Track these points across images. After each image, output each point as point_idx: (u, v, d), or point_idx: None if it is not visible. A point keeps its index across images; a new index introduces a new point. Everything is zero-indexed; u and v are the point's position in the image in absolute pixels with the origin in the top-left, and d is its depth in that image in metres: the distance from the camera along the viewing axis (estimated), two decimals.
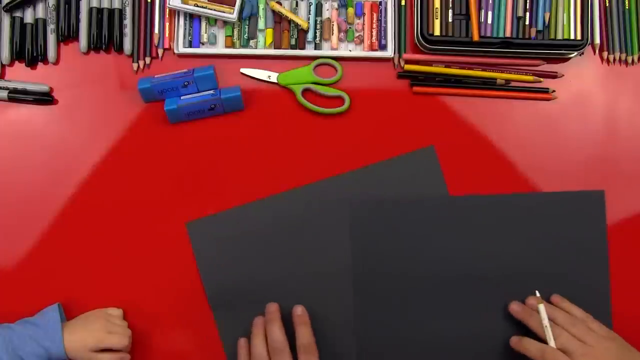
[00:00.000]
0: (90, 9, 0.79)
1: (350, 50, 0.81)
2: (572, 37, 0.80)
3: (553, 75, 0.82)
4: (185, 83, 0.78)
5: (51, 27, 0.79)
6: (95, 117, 0.80)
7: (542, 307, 0.73)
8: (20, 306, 0.76)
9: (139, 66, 0.80)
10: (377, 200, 0.78)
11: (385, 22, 0.81)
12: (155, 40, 0.81)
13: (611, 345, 0.70)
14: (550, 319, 0.72)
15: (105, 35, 0.80)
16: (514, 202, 0.79)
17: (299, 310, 0.74)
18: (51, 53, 0.79)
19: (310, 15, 0.81)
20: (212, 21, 0.81)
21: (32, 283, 0.77)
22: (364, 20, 0.82)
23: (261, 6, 0.81)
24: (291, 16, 0.80)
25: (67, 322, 0.74)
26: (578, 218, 0.79)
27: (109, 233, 0.78)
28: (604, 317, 0.76)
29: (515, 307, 0.76)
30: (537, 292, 0.75)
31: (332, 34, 0.81)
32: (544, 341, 0.71)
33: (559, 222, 0.79)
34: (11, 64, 0.80)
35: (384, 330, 0.77)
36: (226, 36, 0.81)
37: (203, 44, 0.81)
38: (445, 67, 0.81)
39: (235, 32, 0.81)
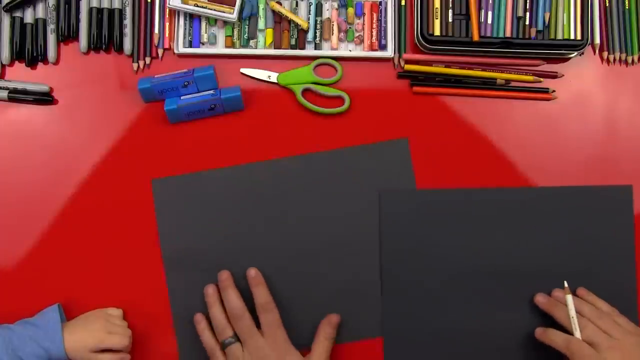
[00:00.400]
0: (90, 9, 0.79)
1: (350, 50, 0.81)
2: (572, 37, 0.80)
3: (553, 75, 0.82)
4: (185, 83, 0.78)
5: (51, 27, 0.79)
6: (95, 117, 0.80)
7: (569, 298, 0.73)
8: (20, 306, 0.76)
9: (139, 66, 0.80)
10: (408, 190, 0.79)
11: (385, 22, 0.81)
12: (155, 40, 0.81)
13: (638, 341, 0.70)
14: (577, 311, 0.72)
15: (105, 35, 0.80)
16: (542, 195, 0.79)
17: (252, 272, 0.74)
18: (51, 53, 0.79)
19: (310, 15, 0.81)
20: (212, 21, 0.81)
21: (32, 283, 0.77)
22: (364, 20, 0.82)
23: (261, 6, 0.81)
24: (291, 16, 0.80)
25: (67, 323, 0.74)
26: (605, 212, 0.79)
27: (109, 233, 0.78)
28: (631, 314, 0.76)
29: (540, 299, 0.76)
30: (565, 282, 0.75)
31: (332, 34, 0.81)
32: (569, 333, 0.71)
33: (585, 216, 0.79)
34: (11, 64, 0.80)
35: (408, 321, 0.77)
36: (226, 36, 0.81)
37: (203, 44, 0.81)
38: (445, 67, 0.81)
39: (235, 32, 0.81)
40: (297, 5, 0.81)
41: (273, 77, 0.80)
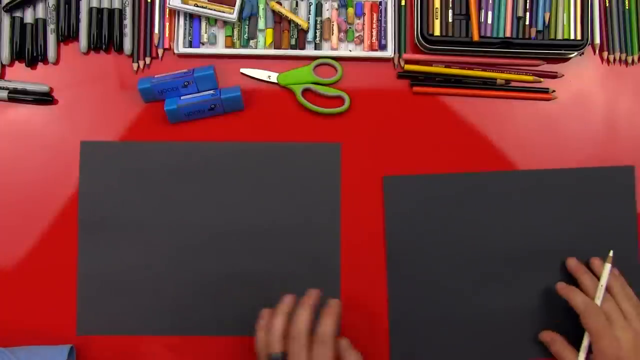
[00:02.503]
0: (90, 9, 0.80)
1: (350, 50, 0.81)
2: (572, 37, 0.80)
3: (553, 75, 0.82)
4: (185, 83, 0.78)
5: (51, 27, 0.79)
6: (95, 117, 0.80)
7: (607, 267, 0.73)
8: (20, 307, 0.76)
9: (139, 66, 0.80)
10: (411, 175, 0.79)
11: (385, 22, 0.81)
12: (155, 40, 0.81)
13: None
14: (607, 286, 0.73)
15: (105, 35, 0.80)
16: (545, 177, 0.80)
17: (333, 301, 0.70)
18: (51, 53, 0.79)
19: (310, 15, 0.81)
20: (212, 21, 0.81)
21: (32, 283, 0.77)
22: (364, 20, 0.82)
23: (261, 6, 0.81)
24: (291, 16, 0.80)
25: None
26: (607, 194, 0.79)
27: None
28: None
29: (572, 263, 0.76)
30: (611, 252, 0.75)
31: (332, 34, 0.81)
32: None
33: (588, 197, 0.79)
34: (11, 64, 0.80)
35: (414, 307, 0.78)
36: (226, 36, 0.81)
37: (203, 44, 0.81)
38: (445, 67, 0.81)
39: (235, 32, 0.81)
40: (297, 5, 0.81)
41: (273, 77, 0.80)
